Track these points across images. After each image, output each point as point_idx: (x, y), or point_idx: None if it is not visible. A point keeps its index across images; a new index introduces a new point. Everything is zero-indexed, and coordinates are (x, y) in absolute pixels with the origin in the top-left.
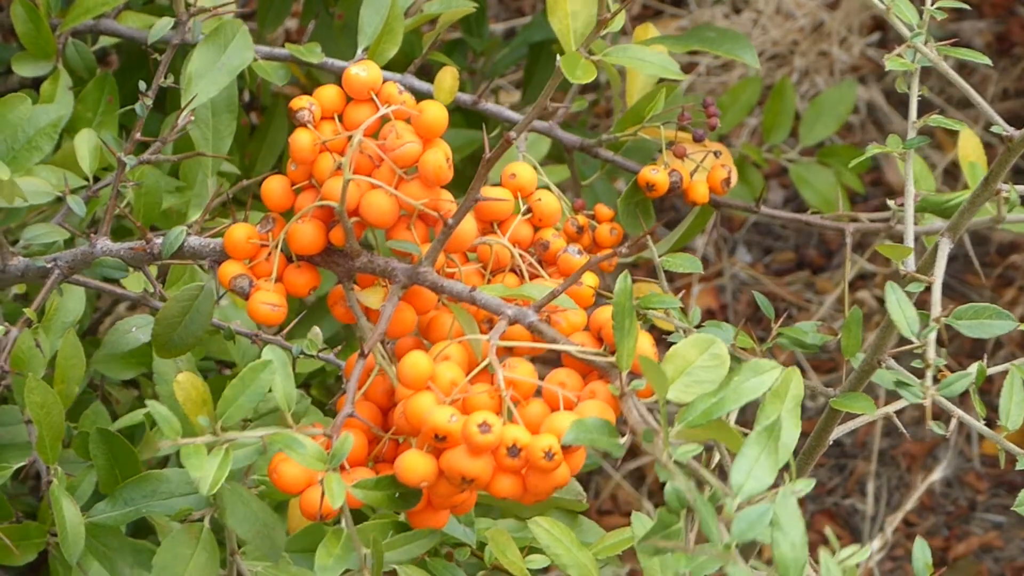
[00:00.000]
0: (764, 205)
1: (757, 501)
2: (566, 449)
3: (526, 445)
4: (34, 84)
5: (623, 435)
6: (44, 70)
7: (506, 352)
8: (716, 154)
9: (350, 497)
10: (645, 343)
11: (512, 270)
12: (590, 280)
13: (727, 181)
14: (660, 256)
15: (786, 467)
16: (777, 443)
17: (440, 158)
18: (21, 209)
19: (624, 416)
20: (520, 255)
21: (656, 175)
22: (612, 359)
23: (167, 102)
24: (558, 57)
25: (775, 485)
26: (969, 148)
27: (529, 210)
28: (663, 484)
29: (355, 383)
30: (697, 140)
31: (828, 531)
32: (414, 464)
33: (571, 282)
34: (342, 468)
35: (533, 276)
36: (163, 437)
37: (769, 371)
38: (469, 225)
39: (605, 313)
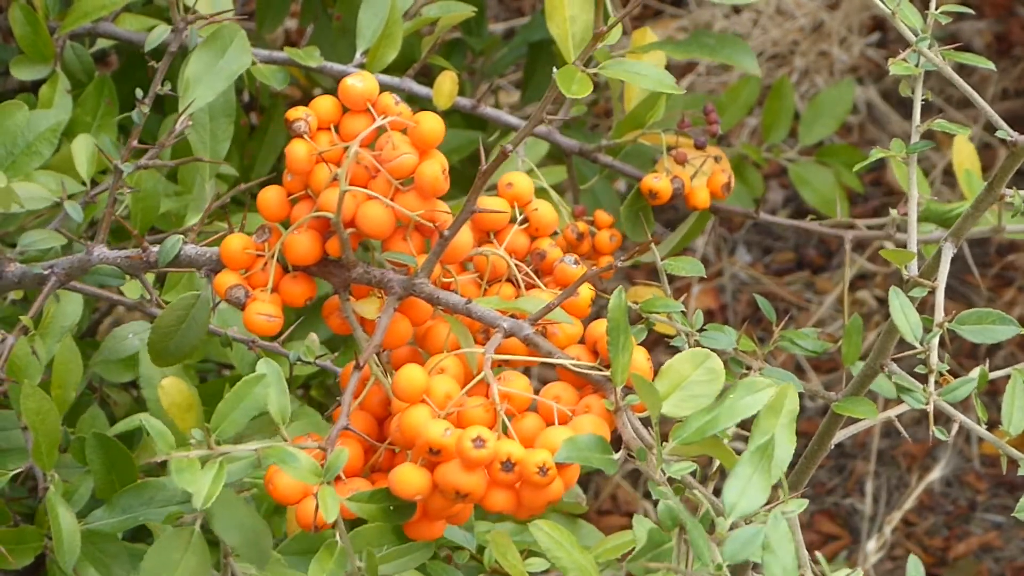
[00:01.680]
0: (764, 205)
1: (751, 520)
2: (560, 464)
3: (520, 460)
4: (33, 87)
5: (619, 448)
6: (42, 73)
7: (502, 364)
8: (716, 159)
9: (344, 509)
10: (640, 358)
11: (509, 280)
12: (586, 291)
13: (727, 186)
14: (661, 260)
15: (779, 484)
16: (770, 462)
17: (436, 169)
18: (19, 214)
19: (619, 431)
20: (516, 265)
21: (659, 183)
22: (607, 373)
23: (166, 104)
24: (555, 70)
25: (770, 501)
26: (964, 155)
27: (525, 220)
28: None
29: (350, 395)
30: (699, 147)
31: None
32: (408, 478)
33: (567, 295)
34: (337, 479)
35: (530, 286)
36: (157, 451)
37: (764, 389)
38: (465, 236)
39: (600, 327)
